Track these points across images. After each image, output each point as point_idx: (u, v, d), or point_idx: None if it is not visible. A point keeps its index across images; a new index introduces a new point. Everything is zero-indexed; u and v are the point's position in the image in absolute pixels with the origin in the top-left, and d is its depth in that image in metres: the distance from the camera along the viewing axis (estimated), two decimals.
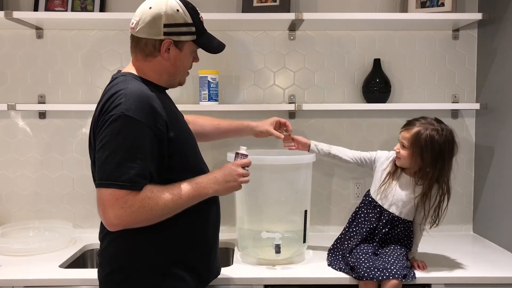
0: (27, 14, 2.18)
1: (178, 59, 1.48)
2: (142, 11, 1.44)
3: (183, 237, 1.47)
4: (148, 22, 1.41)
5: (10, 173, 2.42)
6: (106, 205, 1.30)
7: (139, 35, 1.44)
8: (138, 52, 1.46)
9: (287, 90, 2.44)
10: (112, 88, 1.39)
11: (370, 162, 2.04)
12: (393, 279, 1.72)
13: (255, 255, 1.99)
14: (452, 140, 1.84)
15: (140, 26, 1.42)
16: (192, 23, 1.47)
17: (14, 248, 2.06)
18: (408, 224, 1.92)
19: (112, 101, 1.33)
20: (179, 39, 1.45)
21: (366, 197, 1.99)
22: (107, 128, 1.31)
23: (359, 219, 1.97)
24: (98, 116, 1.36)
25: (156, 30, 1.41)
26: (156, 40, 1.43)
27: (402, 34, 2.41)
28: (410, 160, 1.86)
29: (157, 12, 1.41)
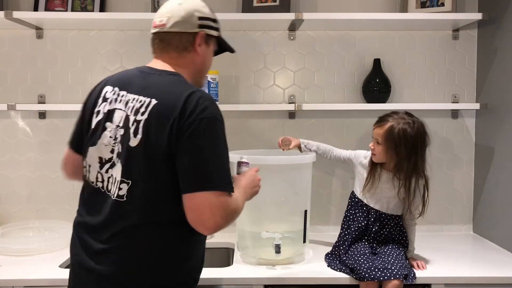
0: (27, 14, 2.18)
1: (207, 55, 1.48)
2: (171, 8, 1.42)
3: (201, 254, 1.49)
4: (182, 17, 1.40)
5: (10, 173, 2.42)
6: (219, 209, 1.26)
7: (173, 29, 1.40)
8: (172, 49, 1.42)
9: (287, 90, 2.44)
10: (179, 88, 1.33)
11: (349, 161, 2.09)
12: (395, 279, 1.72)
13: (255, 255, 1.99)
14: (424, 132, 1.89)
15: (173, 21, 1.40)
16: (216, 20, 1.50)
17: (14, 248, 2.06)
18: (397, 219, 1.96)
19: (196, 103, 1.28)
20: (210, 32, 1.46)
21: (352, 198, 2.03)
22: (200, 130, 1.26)
23: (349, 222, 2.01)
24: (178, 117, 1.26)
25: (191, 24, 1.41)
26: (190, 34, 1.42)
27: (402, 34, 2.41)
28: (385, 155, 1.90)
29: (190, 6, 1.42)
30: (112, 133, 1.34)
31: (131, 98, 1.35)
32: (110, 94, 1.39)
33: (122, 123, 1.33)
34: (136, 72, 1.43)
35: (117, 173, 1.32)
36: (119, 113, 1.35)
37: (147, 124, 1.28)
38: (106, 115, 1.37)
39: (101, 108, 1.38)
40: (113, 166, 1.33)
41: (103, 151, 1.35)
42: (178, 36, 1.42)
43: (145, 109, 1.30)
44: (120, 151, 1.32)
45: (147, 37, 2.13)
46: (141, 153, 1.28)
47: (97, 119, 1.38)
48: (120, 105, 1.36)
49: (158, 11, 1.46)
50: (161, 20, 1.42)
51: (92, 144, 1.38)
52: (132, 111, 1.32)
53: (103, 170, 1.35)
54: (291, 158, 2.04)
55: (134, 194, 1.30)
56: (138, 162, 1.29)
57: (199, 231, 1.29)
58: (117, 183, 1.31)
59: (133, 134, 1.30)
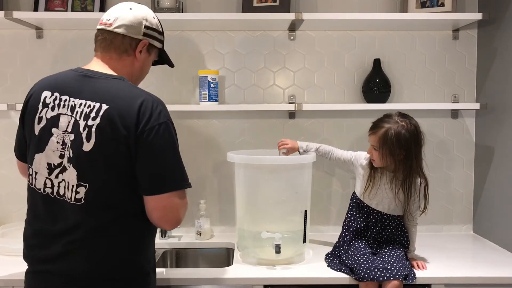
0: (27, 14, 2.18)
1: (146, 63, 1.53)
2: (121, 11, 1.46)
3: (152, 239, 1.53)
4: (130, 21, 1.45)
5: (10, 173, 2.42)
6: (181, 206, 1.40)
7: (117, 30, 1.44)
8: (113, 49, 1.46)
9: (287, 90, 2.44)
10: (131, 93, 1.37)
11: (349, 162, 2.09)
12: (394, 279, 1.72)
13: (255, 255, 1.99)
14: (418, 132, 1.89)
15: (119, 23, 1.44)
16: (162, 33, 1.56)
17: (14, 248, 2.06)
18: (398, 220, 1.96)
19: (151, 109, 1.35)
20: (153, 43, 1.52)
21: (354, 199, 2.03)
22: (159, 135, 1.34)
23: (350, 222, 2.01)
24: (135, 123, 1.32)
25: (137, 30, 1.46)
26: (133, 39, 1.46)
27: (402, 34, 2.41)
28: (383, 160, 1.90)
29: (140, 14, 1.48)
30: (60, 139, 1.36)
31: (77, 103, 1.36)
32: (51, 100, 1.39)
33: (70, 128, 1.35)
34: (75, 75, 1.43)
35: (70, 178, 1.35)
36: (65, 118, 1.36)
37: (100, 128, 1.32)
38: (50, 121, 1.38)
39: (43, 114, 1.39)
40: (64, 171, 1.35)
41: (51, 157, 1.37)
42: (121, 38, 1.45)
43: (95, 114, 1.33)
44: (72, 155, 1.34)
45: None
46: (95, 157, 1.33)
47: (40, 126, 1.39)
48: (65, 110, 1.37)
49: (108, 11, 1.49)
50: (108, 19, 1.46)
51: (38, 150, 1.39)
52: (82, 116, 1.34)
53: (53, 176, 1.37)
54: (291, 158, 2.05)
55: (92, 197, 1.34)
56: (93, 166, 1.33)
57: (161, 227, 1.42)
58: (73, 187, 1.34)
59: (86, 139, 1.33)
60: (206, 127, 2.42)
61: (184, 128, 2.40)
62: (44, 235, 1.41)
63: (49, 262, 1.39)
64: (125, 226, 1.39)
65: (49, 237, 1.39)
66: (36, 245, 1.42)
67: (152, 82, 2.39)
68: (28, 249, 1.45)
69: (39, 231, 1.42)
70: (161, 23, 1.57)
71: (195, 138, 2.41)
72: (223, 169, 2.40)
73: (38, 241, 1.42)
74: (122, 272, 1.41)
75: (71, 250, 1.37)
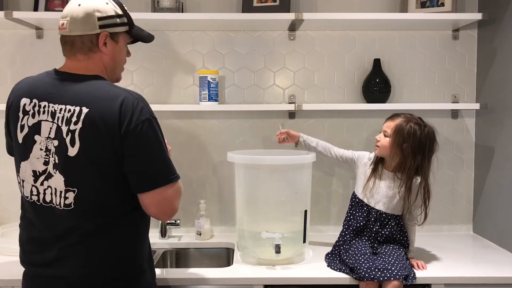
0: (27, 14, 2.18)
1: (116, 52, 1.47)
2: (71, 10, 1.40)
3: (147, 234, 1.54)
4: (81, 19, 1.39)
5: (10, 173, 2.42)
6: (175, 198, 1.41)
7: (73, 33, 1.40)
8: (77, 51, 1.42)
9: (287, 90, 2.43)
10: (109, 93, 1.36)
11: (351, 161, 2.08)
12: (395, 280, 1.72)
13: (255, 255, 1.99)
14: (433, 137, 1.90)
15: (73, 24, 1.40)
16: (123, 14, 1.47)
17: (14, 248, 2.05)
18: (398, 219, 1.96)
19: (132, 107, 1.33)
20: (114, 30, 1.44)
21: (353, 199, 2.03)
22: (143, 133, 1.33)
23: (349, 222, 2.01)
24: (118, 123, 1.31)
25: (91, 25, 1.39)
26: (92, 35, 1.41)
27: (402, 34, 2.41)
28: (390, 149, 1.90)
29: (89, 7, 1.39)
30: (43, 145, 1.35)
31: (57, 108, 1.35)
32: (30, 107, 1.38)
33: (53, 134, 1.34)
34: (50, 79, 1.42)
35: (57, 184, 1.34)
36: (47, 125, 1.35)
37: (83, 132, 1.31)
38: (32, 129, 1.37)
39: (25, 122, 1.38)
40: (50, 177, 1.35)
41: (36, 164, 1.36)
42: (80, 38, 1.41)
43: (77, 118, 1.32)
44: (57, 161, 1.34)
45: None
46: (82, 161, 1.32)
47: (23, 134, 1.38)
48: (45, 116, 1.35)
49: (63, 11, 1.44)
50: (62, 24, 1.42)
51: (23, 158, 1.39)
52: (63, 121, 1.33)
53: (38, 183, 1.37)
54: (291, 158, 2.04)
55: (81, 201, 1.34)
56: (80, 170, 1.33)
57: (159, 220, 1.44)
58: (61, 193, 1.34)
59: (70, 144, 1.32)
60: (206, 127, 2.42)
61: (184, 128, 2.40)
62: (37, 241, 1.41)
63: (46, 266, 1.39)
64: (117, 226, 1.39)
65: (43, 243, 1.40)
66: (32, 250, 1.43)
67: (152, 82, 2.39)
68: (25, 254, 1.46)
69: (32, 237, 1.43)
70: (120, 2, 1.48)
71: (195, 138, 2.41)
72: (223, 169, 2.40)
73: (33, 247, 1.42)
74: (119, 271, 1.42)
75: (66, 255, 1.37)
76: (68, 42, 1.43)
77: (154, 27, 2.34)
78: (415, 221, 1.98)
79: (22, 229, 1.48)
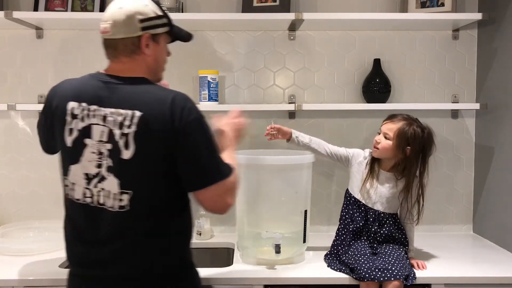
0: (27, 14, 2.18)
1: (158, 53, 1.48)
2: (113, 13, 1.41)
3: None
4: (123, 22, 1.40)
5: (10, 173, 2.42)
6: (228, 193, 1.42)
7: (116, 36, 1.41)
8: (120, 55, 1.43)
9: (287, 90, 2.44)
10: (158, 95, 1.38)
11: (345, 159, 2.06)
12: (395, 280, 1.72)
13: (255, 255, 1.99)
14: (432, 140, 1.92)
15: (115, 28, 1.40)
16: (163, 15, 1.47)
17: (14, 248, 2.06)
18: (395, 217, 1.97)
19: (182, 107, 1.35)
20: (155, 32, 1.45)
21: (349, 198, 2.02)
22: (194, 132, 1.36)
23: (346, 221, 2.00)
24: (170, 124, 1.33)
25: (133, 28, 1.40)
26: (134, 38, 1.42)
27: (402, 34, 2.41)
28: (392, 151, 1.90)
29: (130, 10, 1.40)
30: (95, 149, 1.36)
31: (108, 112, 1.36)
32: (79, 111, 1.38)
33: (106, 137, 1.35)
34: (96, 82, 1.42)
35: (111, 186, 1.36)
36: (98, 128, 1.36)
37: (137, 136, 1.33)
38: (82, 132, 1.37)
39: (73, 125, 1.38)
40: (103, 180, 1.36)
41: (88, 167, 1.37)
42: (123, 41, 1.41)
43: (130, 122, 1.33)
44: (112, 165, 1.35)
45: None
46: (136, 163, 1.34)
47: (72, 137, 1.38)
48: (96, 120, 1.36)
49: (103, 14, 1.44)
50: (105, 27, 1.42)
51: (73, 162, 1.39)
52: (116, 125, 1.34)
53: (91, 185, 1.38)
54: (291, 158, 2.04)
55: (136, 203, 1.36)
56: (135, 172, 1.35)
57: (215, 213, 1.47)
58: (115, 195, 1.36)
59: (124, 147, 1.34)
60: None
61: None
62: (88, 243, 1.41)
63: (98, 267, 1.40)
64: (168, 226, 1.41)
65: (94, 245, 1.40)
66: (81, 252, 1.44)
67: None
68: (73, 254, 1.47)
69: (82, 240, 1.43)
70: (159, 3, 1.49)
71: None
72: None
73: (82, 249, 1.43)
74: (171, 269, 1.44)
75: (119, 256, 1.39)
76: (111, 45, 1.43)
77: None
78: (412, 220, 1.98)
79: (68, 231, 1.48)
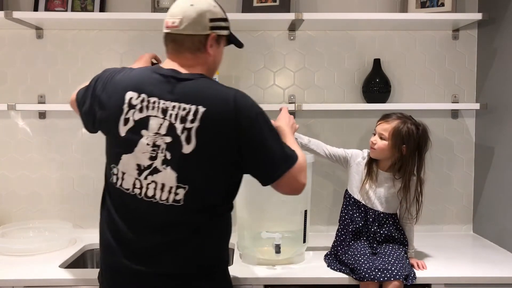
0: (27, 14, 2.18)
1: (218, 54, 1.51)
2: (183, 9, 1.42)
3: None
4: (194, 19, 1.41)
5: (10, 173, 2.42)
6: (300, 175, 1.43)
7: (185, 32, 1.42)
8: (185, 50, 1.44)
9: (287, 90, 2.44)
10: (220, 91, 1.40)
11: (344, 160, 2.06)
12: (395, 280, 1.72)
13: (255, 255, 1.99)
14: (427, 136, 1.92)
15: (185, 23, 1.41)
16: (226, 18, 1.51)
17: (14, 248, 2.06)
18: (394, 217, 1.97)
19: (244, 104, 1.39)
20: (220, 33, 1.48)
21: (348, 198, 2.02)
22: (259, 127, 1.39)
23: (346, 221, 2.00)
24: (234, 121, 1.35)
25: (203, 26, 1.42)
26: (202, 36, 1.43)
27: (402, 34, 2.41)
28: (387, 151, 1.91)
29: (201, 8, 1.43)
30: (150, 140, 1.36)
31: (169, 105, 1.36)
32: (137, 101, 1.39)
33: (164, 130, 1.36)
34: (157, 75, 1.43)
35: (166, 180, 1.36)
36: (157, 121, 1.36)
37: (200, 131, 1.34)
38: (138, 123, 1.38)
39: (130, 115, 1.38)
40: (156, 172, 1.36)
41: (141, 158, 1.37)
42: (191, 38, 1.43)
43: (193, 117, 1.34)
44: (170, 158, 1.35)
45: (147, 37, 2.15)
46: (197, 159, 1.35)
47: (126, 127, 1.38)
48: (155, 112, 1.37)
49: (170, 10, 1.46)
50: (173, 22, 1.43)
51: (126, 151, 1.39)
52: (177, 119, 1.35)
53: (142, 177, 1.38)
54: None
55: (191, 198, 1.37)
56: (194, 168, 1.36)
57: (292, 195, 1.48)
58: (171, 188, 1.36)
59: (185, 141, 1.34)
60: None
61: None
62: (132, 233, 1.41)
63: (139, 260, 1.40)
64: (216, 223, 1.44)
65: (140, 235, 1.40)
66: (123, 243, 1.42)
67: None
68: (113, 246, 1.44)
69: (125, 231, 1.42)
70: (223, 9, 1.52)
71: None
72: None
73: (125, 240, 1.42)
74: (213, 268, 1.47)
75: (163, 250, 1.40)
76: (177, 40, 1.44)
77: (154, 27, 2.34)
78: (411, 220, 1.97)
79: (108, 224, 1.46)
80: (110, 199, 1.47)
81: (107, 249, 1.47)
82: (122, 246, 1.43)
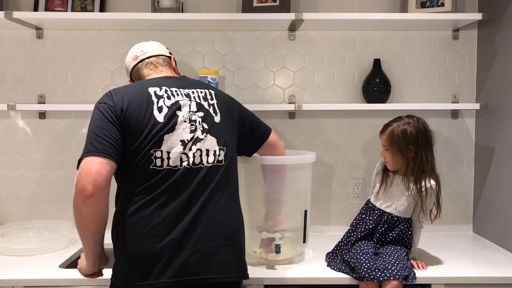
0: (27, 14, 2.18)
1: None
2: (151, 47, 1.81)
3: None
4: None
5: (10, 173, 2.42)
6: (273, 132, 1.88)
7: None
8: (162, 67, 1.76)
9: (287, 90, 2.44)
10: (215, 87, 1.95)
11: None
12: (394, 280, 1.72)
13: (255, 255, 1.98)
14: (425, 129, 1.90)
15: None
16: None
17: (14, 248, 2.06)
18: (408, 222, 1.94)
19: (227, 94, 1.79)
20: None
21: (367, 205, 2.02)
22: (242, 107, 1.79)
23: (358, 224, 2.00)
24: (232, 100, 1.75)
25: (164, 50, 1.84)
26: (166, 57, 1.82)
27: (402, 34, 2.41)
28: (394, 160, 1.91)
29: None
30: (186, 118, 1.57)
31: (189, 91, 1.63)
32: (162, 92, 1.58)
33: (195, 108, 1.60)
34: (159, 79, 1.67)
35: (208, 145, 1.58)
36: (186, 103, 1.59)
37: (219, 105, 1.66)
38: (172, 107, 1.56)
39: (162, 103, 1.56)
40: (198, 141, 1.57)
41: (182, 135, 1.55)
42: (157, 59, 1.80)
43: (210, 96, 1.66)
44: (207, 127, 1.59)
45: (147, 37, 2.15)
46: (225, 126, 1.65)
47: (163, 114, 1.54)
48: (180, 97, 1.60)
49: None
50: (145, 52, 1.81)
51: (167, 132, 1.54)
52: (201, 99, 1.63)
53: (187, 149, 1.55)
54: (291, 158, 2.04)
55: (228, 158, 1.62)
56: (225, 133, 1.64)
57: (281, 154, 1.91)
58: (215, 152, 1.59)
59: (214, 113, 1.63)
60: None
61: None
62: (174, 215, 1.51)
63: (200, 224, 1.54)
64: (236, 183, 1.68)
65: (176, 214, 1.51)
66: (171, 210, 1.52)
67: None
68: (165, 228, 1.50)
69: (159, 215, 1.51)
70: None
71: None
72: None
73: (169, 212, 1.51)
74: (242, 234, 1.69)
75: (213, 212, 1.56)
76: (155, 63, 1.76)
77: (154, 27, 2.34)
78: (422, 224, 1.96)
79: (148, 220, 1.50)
80: (146, 193, 1.51)
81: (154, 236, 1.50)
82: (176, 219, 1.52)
